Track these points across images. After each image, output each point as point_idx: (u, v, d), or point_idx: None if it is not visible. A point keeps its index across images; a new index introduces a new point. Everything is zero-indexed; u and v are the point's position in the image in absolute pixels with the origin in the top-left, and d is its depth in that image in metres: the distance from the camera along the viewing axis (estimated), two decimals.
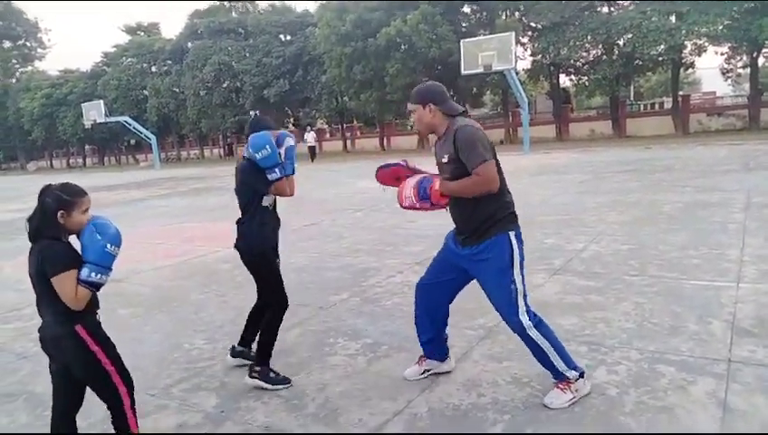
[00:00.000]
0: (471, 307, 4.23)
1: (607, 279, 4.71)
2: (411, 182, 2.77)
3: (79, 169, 51.76)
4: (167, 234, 9.11)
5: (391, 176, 2.96)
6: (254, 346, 3.33)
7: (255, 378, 3.11)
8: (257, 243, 3.15)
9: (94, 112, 34.97)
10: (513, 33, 22.67)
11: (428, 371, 3.14)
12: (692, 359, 3.11)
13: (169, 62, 44.38)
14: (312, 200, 11.97)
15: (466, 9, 30.33)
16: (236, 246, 3.22)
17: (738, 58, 25.98)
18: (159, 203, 14.50)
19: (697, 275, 4.65)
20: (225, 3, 41.74)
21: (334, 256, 6.42)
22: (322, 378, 3.23)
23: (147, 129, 39.62)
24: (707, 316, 3.71)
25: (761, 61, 25.46)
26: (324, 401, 2.96)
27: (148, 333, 4.28)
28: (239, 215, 3.23)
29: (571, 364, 2.72)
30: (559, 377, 2.72)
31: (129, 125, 36.79)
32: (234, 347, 3.49)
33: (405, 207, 2.81)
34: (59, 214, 2.15)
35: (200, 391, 3.19)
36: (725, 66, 26.74)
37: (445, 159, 2.69)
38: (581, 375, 2.75)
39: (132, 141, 52.27)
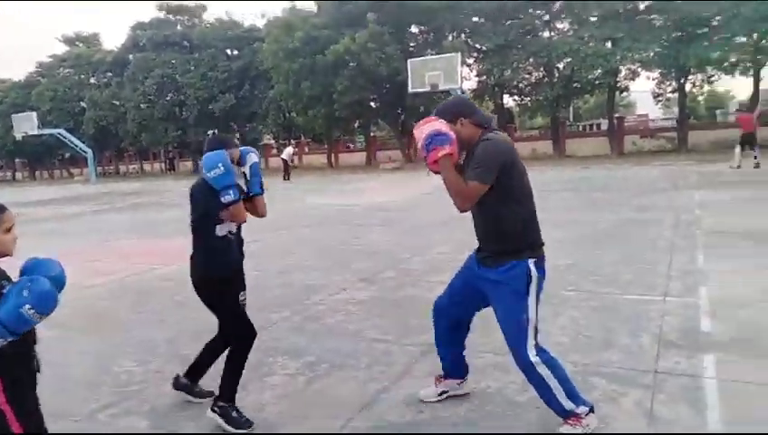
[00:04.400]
0: (414, 323, 4.26)
1: (545, 294, 4.82)
2: (436, 126, 2.48)
3: (8, 183, 49.05)
4: (101, 251, 8.73)
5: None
6: (202, 381, 3.15)
7: (216, 414, 2.85)
8: (201, 273, 2.92)
9: (26, 124, 33.36)
10: (459, 54, 23.25)
11: (446, 392, 2.98)
12: (622, 371, 3.23)
13: (109, 73, 42.90)
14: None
15: (414, 30, 30.89)
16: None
17: (668, 83, 27.52)
18: (95, 219, 13.91)
19: (629, 289, 4.85)
20: (171, 16, 40.81)
21: (278, 274, 6.31)
22: (261, 398, 3.15)
23: (83, 142, 38.07)
24: (637, 330, 3.86)
25: (688, 86, 27.05)
26: (261, 422, 2.88)
27: (76, 355, 4.06)
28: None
29: (579, 401, 2.54)
30: (565, 414, 2.54)
31: (65, 138, 35.29)
32: (178, 377, 3.17)
33: (413, 132, 2.57)
34: None
35: (129, 415, 3.05)
36: (656, 90, 28.28)
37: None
38: (591, 410, 2.57)
39: (67, 155, 50.03)
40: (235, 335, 2.93)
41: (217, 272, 2.90)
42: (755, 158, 14.86)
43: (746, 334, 3.65)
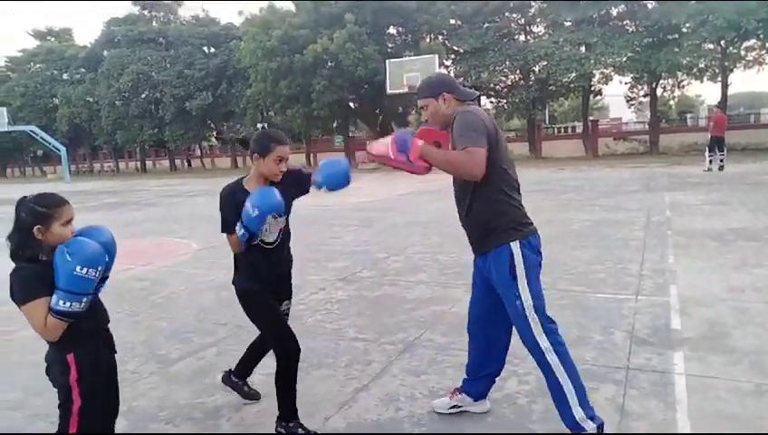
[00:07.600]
0: (391, 322, 4.30)
1: None
2: (393, 135, 2.45)
3: None
4: None
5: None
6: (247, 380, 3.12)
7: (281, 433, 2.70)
8: (236, 280, 2.76)
9: None
10: (437, 56, 23.44)
11: (458, 407, 2.81)
12: (595, 367, 3.31)
13: (83, 69, 42.15)
14: None
15: (392, 31, 31.01)
16: None
17: (640, 87, 28.19)
18: None
19: (602, 288, 4.96)
20: (145, 12, 40.23)
21: None
22: (239, 398, 3.15)
23: (56, 139, 37.34)
24: (610, 327, 3.96)
25: (659, 91, 27.72)
26: (239, 421, 2.89)
27: None
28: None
29: (588, 412, 2.36)
30: (573, 426, 2.34)
31: (36, 135, 34.57)
32: (229, 372, 3.11)
33: (373, 155, 2.48)
34: (35, 229, 1.93)
35: None
36: (629, 94, 28.94)
37: (449, 148, 2.42)
38: (600, 428, 2.34)
39: (40, 152, 49.02)
40: (277, 353, 2.68)
41: (246, 284, 2.72)
42: (721, 160, 15.36)
43: (714, 332, 3.77)
